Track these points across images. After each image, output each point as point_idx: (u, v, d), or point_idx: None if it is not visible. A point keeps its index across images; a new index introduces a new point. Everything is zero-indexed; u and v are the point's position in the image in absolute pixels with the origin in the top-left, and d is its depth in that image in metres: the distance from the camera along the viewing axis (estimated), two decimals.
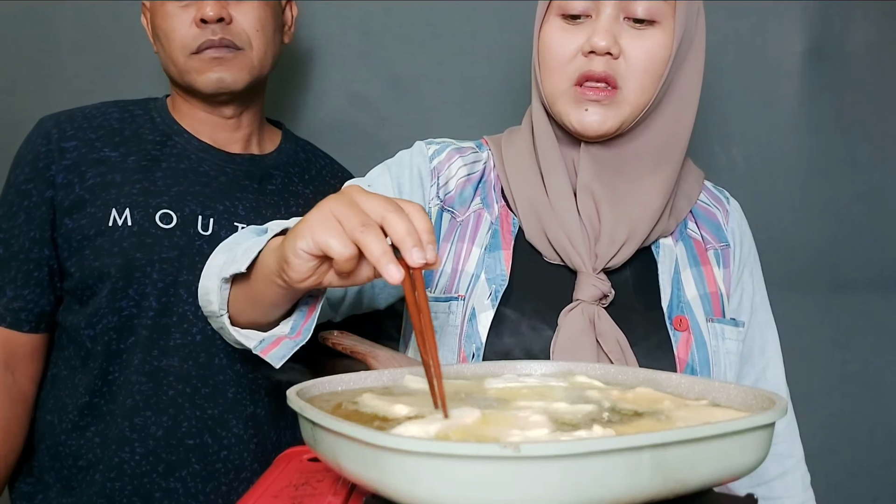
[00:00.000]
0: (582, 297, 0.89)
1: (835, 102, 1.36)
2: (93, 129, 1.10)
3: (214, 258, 0.82)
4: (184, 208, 1.07)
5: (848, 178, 1.36)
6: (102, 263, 1.04)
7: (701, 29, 0.93)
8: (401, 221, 0.63)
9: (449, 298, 0.92)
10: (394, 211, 0.64)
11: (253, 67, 1.10)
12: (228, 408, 1.07)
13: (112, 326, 1.04)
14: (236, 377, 1.07)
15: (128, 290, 1.04)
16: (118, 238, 1.04)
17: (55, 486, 1.07)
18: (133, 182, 1.07)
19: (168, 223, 1.06)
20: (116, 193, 1.06)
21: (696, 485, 0.54)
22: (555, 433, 0.56)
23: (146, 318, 1.04)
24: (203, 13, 1.06)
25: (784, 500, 1.00)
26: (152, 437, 1.03)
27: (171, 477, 1.04)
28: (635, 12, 0.88)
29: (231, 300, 0.80)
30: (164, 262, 1.05)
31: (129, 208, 1.05)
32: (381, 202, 0.64)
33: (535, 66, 0.94)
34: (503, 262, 0.92)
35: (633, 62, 0.88)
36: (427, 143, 1.00)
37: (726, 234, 1.00)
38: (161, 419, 1.04)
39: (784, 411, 0.58)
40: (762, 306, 1.02)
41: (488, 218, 0.95)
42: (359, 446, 0.52)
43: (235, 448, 1.07)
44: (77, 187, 1.06)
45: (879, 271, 1.36)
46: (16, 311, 1.08)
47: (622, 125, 0.90)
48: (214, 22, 1.06)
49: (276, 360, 0.79)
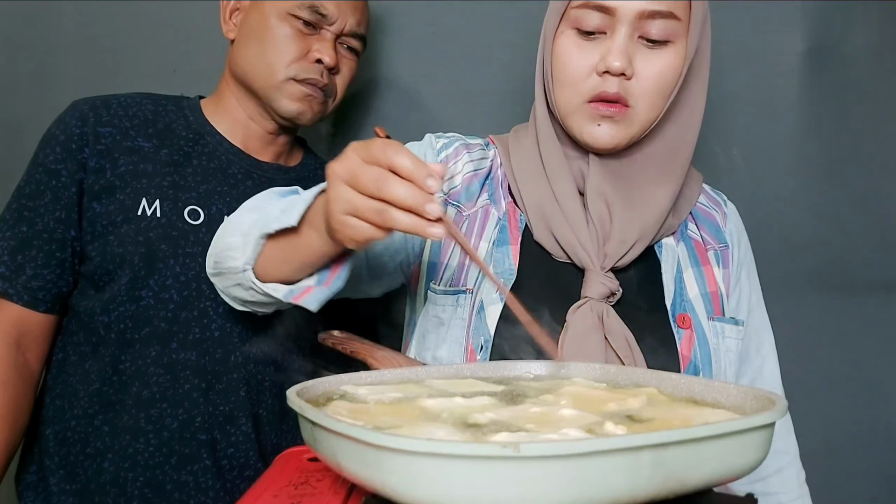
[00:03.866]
0: (590, 295, 0.90)
1: (835, 103, 1.36)
2: (128, 118, 1.11)
3: (240, 216, 0.85)
4: (211, 206, 1.09)
5: (848, 179, 1.36)
6: (126, 251, 1.04)
7: (707, 36, 0.94)
8: (397, 188, 0.66)
9: (457, 292, 0.93)
10: (385, 181, 0.67)
11: (327, 113, 1.18)
12: (239, 406, 1.07)
13: (129, 315, 1.04)
14: (248, 376, 1.08)
15: (148, 280, 1.05)
16: (144, 227, 1.05)
17: (59, 472, 1.06)
18: (164, 174, 1.09)
19: (196, 219, 1.08)
20: (147, 183, 1.07)
21: (695, 485, 0.54)
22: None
23: (165, 311, 1.05)
24: (323, 58, 1.11)
25: (780, 496, 1.01)
26: (167, 429, 1.04)
27: (184, 470, 1.04)
28: (650, 33, 0.88)
29: (262, 257, 0.82)
30: (188, 256, 1.06)
31: (159, 199, 1.07)
32: (371, 176, 0.68)
33: (548, 76, 0.94)
34: (511, 257, 0.93)
35: (645, 83, 0.89)
36: (437, 137, 1.02)
37: (725, 235, 1.01)
38: (177, 412, 1.04)
39: (784, 412, 0.58)
40: (758, 306, 1.03)
41: (496, 214, 0.96)
42: (359, 446, 0.52)
43: (242, 446, 1.07)
44: (108, 173, 1.07)
45: (879, 272, 1.36)
46: (34, 290, 1.06)
47: (631, 139, 0.92)
48: (329, 69, 1.12)
49: (312, 305, 0.83)
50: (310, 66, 1.11)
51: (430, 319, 0.94)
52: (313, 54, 1.11)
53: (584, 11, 0.88)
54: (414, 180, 0.66)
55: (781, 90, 1.36)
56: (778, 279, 1.33)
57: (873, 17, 1.35)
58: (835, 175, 1.36)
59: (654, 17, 0.87)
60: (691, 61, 0.91)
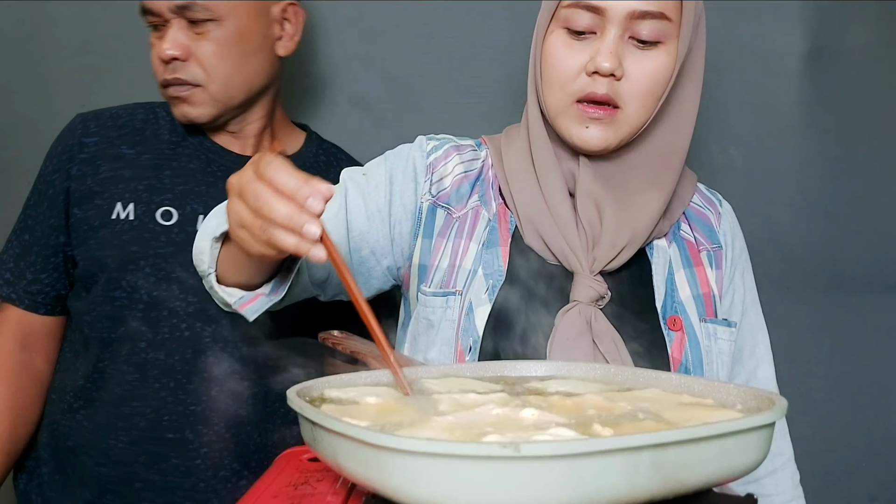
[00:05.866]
0: (579, 298, 0.89)
1: (834, 103, 1.36)
2: (116, 128, 1.14)
3: (209, 221, 0.87)
4: (186, 206, 1.10)
5: (846, 179, 1.36)
6: (103, 254, 1.08)
7: (701, 39, 0.93)
8: (277, 207, 0.67)
9: (446, 293, 0.92)
10: (266, 199, 0.67)
11: (214, 101, 1.09)
12: (211, 406, 1.07)
13: (106, 315, 1.08)
14: (222, 376, 1.08)
15: (121, 282, 1.07)
16: (118, 231, 1.08)
17: (51, 462, 1.11)
18: (141, 179, 1.11)
19: (168, 220, 1.09)
20: (123, 188, 1.10)
21: (695, 485, 0.54)
22: None
23: (136, 311, 1.07)
24: (160, 53, 1.07)
25: (774, 497, 1.00)
26: (136, 428, 1.06)
27: (152, 469, 1.06)
28: (640, 33, 0.87)
29: (220, 261, 0.85)
30: (158, 257, 1.07)
31: (133, 203, 1.09)
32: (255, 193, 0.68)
33: (537, 76, 0.94)
34: (500, 258, 0.92)
35: (635, 84, 0.88)
36: (428, 139, 1.02)
37: (718, 235, 1.01)
38: (145, 411, 1.06)
39: (784, 412, 0.58)
40: (753, 307, 1.03)
41: (486, 215, 0.96)
42: (359, 446, 0.52)
43: (215, 446, 1.07)
44: (89, 179, 1.10)
45: (878, 271, 1.36)
46: (33, 294, 1.13)
47: (621, 142, 0.91)
48: (168, 62, 1.07)
49: (250, 314, 0.86)
50: (162, 67, 1.08)
51: (420, 321, 0.94)
52: (156, 56, 1.08)
53: (574, 11, 0.88)
54: (295, 199, 0.66)
55: (780, 90, 1.36)
56: (777, 279, 1.33)
57: (872, 16, 1.35)
58: (834, 175, 1.36)
59: (644, 18, 0.87)
60: (683, 63, 0.90)
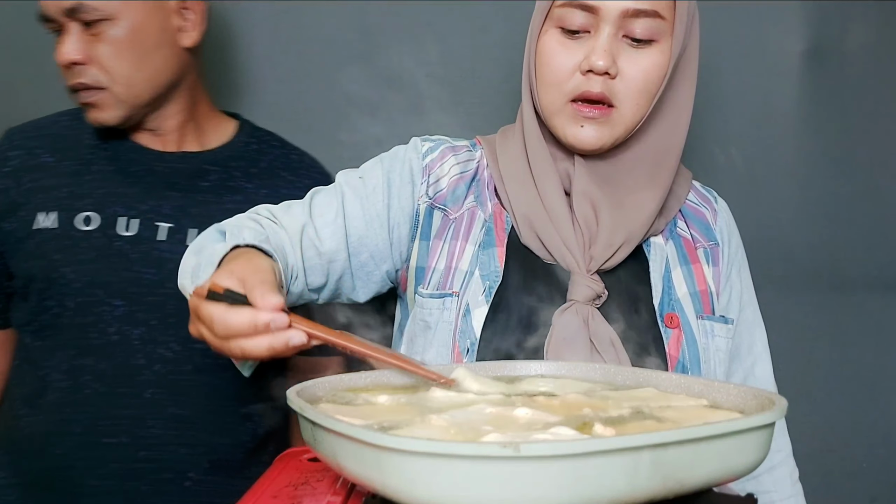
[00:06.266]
0: (576, 298, 0.90)
1: (834, 103, 1.36)
2: (38, 138, 1.13)
3: (187, 259, 0.86)
4: (106, 209, 1.09)
5: (847, 178, 1.36)
6: (29, 265, 1.08)
7: (695, 37, 0.93)
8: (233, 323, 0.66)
9: (443, 295, 0.92)
10: (245, 341, 0.66)
11: (121, 102, 1.07)
12: (146, 408, 1.06)
13: (41, 324, 1.08)
14: (156, 378, 1.07)
15: (51, 291, 1.07)
16: (42, 240, 1.08)
17: (8, 467, 1.11)
18: (62, 186, 1.10)
19: (88, 225, 1.08)
20: (45, 197, 1.09)
21: (695, 485, 0.54)
22: None
23: (65, 318, 1.07)
24: (58, 58, 1.05)
25: (772, 494, 1.00)
26: (71, 435, 1.05)
27: (93, 474, 1.05)
28: (634, 32, 0.88)
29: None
30: (81, 263, 1.07)
31: (56, 211, 1.08)
32: (209, 321, 0.67)
33: (532, 76, 0.94)
34: (497, 259, 0.92)
35: (629, 83, 0.88)
36: (423, 140, 1.01)
37: (715, 232, 1.01)
38: (79, 417, 1.05)
39: (784, 412, 0.58)
40: (750, 304, 1.03)
41: (482, 216, 0.96)
42: (359, 446, 0.52)
43: (156, 448, 1.06)
44: (12, 192, 1.10)
45: (878, 271, 1.36)
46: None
47: (616, 141, 0.92)
48: (67, 67, 1.05)
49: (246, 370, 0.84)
50: (66, 72, 1.06)
51: (417, 323, 0.94)
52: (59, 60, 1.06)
53: (567, 10, 0.88)
54: (256, 331, 0.66)
55: (780, 90, 1.36)
56: (776, 279, 1.33)
57: (872, 16, 1.35)
58: (833, 175, 1.36)
59: (638, 16, 0.87)
60: (677, 61, 0.90)
